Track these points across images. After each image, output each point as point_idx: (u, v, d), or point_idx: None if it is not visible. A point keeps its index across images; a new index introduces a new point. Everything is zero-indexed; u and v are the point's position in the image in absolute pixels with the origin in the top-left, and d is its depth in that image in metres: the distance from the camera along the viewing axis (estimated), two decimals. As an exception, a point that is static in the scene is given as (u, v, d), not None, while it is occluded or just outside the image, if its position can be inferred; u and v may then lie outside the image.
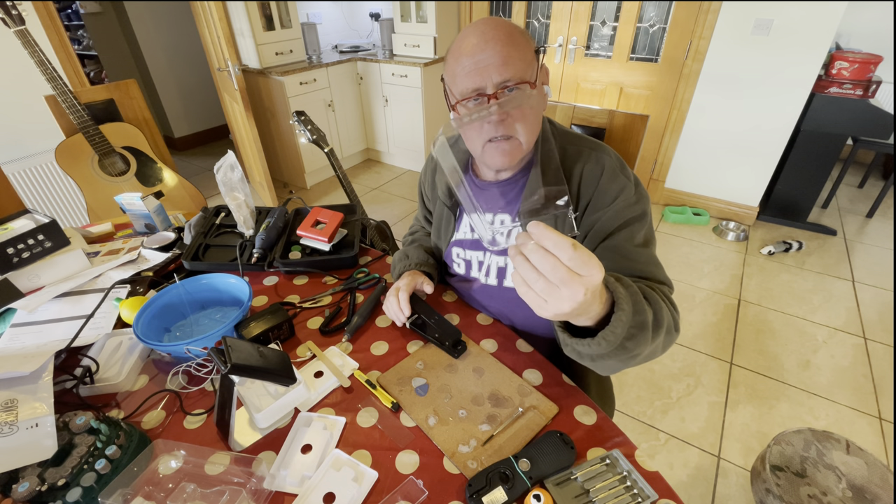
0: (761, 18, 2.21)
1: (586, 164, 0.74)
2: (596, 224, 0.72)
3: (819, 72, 2.24)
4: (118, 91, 1.92)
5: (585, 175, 0.73)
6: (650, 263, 0.70)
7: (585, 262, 0.42)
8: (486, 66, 0.65)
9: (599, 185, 0.72)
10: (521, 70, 0.65)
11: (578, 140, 0.78)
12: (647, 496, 0.56)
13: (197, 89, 3.88)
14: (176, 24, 3.59)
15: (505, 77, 0.65)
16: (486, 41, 0.64)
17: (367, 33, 3.66)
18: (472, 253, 0.87)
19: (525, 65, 0.66)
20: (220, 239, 1.10)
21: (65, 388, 0.70)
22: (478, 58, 0.65)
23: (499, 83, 0.65)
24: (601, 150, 0.75)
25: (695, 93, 2.54)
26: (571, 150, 0.76)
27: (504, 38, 0.65)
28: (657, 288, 0.67)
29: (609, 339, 0.51)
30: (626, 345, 0.53)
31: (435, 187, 0.92)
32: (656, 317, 0.59)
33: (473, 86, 0.66)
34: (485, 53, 0.64)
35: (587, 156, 0.74)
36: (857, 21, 2.90)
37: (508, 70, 0.65)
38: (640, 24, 2.61)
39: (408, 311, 0.81)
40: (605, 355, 0.54)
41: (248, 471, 0.60)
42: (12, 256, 0.91)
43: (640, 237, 0.72)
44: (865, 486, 0.89)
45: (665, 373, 1.71)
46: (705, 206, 2.80)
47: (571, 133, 0.80)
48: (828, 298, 2.09)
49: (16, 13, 1.59)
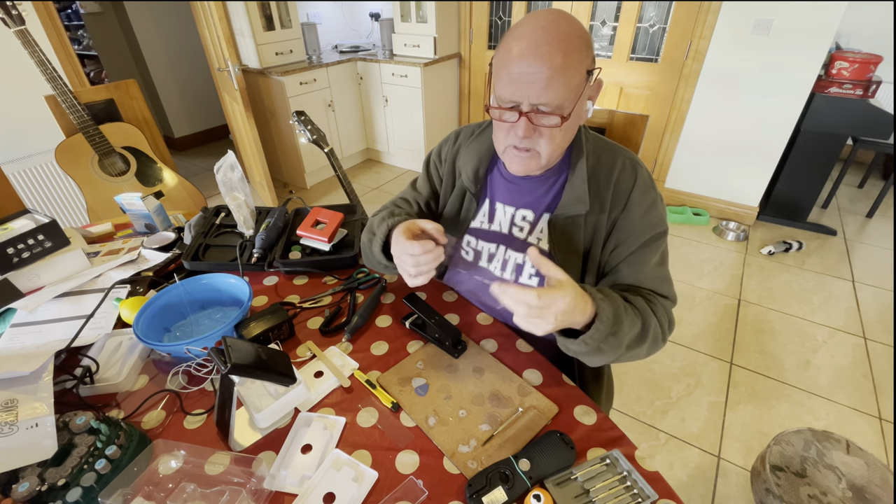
0: (761, 18, 2.21)
1: (621, 172, 0.75)
2: (628, 238, 0.75)
3: (819, 72, 2.24)
4: (118, 91, 1.92)
5: (619, 183, 0.75)
6: (662, 281, 0.76)
7: (547, 305, 0.56)
8: (528, 82, 0.62)
9: (632, 196, 0.74)
10: (562, 96, 0.62)
11: (611, 146, 0.79)
12: (647, 496, 0.57)
13: (197, 89, 3.88)
14: (176, 24, 3.59)
15: (543, 101, 0.63)
16: (537, 56, 0.60)
17: (367, 33, 3.66)
18: (483, 244, 0.86)
19: (568, 90, 0.62)
20: (220, 239, 1.10)
21: (65, 388, 0.70)
22: (523, 70, 0.61)
23: (535, 104, 0.64)
24: (636, 162, 0.77)
25: (695, 93, 2.54)
26: (606, 156, 0.77)
27: (557, 54, 0.60)
28: (659, 302, 0.74)
29: (588, 342, 0.63)
30: (601, 347, 0.63)
31: (455, 168, 0.89)
32: (643, 327, 0.68)
33: (511, 97, 0.64)
34: (532, 67, 0.61)
35: (622, 164, 0.76)
36: (857, 21, 2.90)
37: (547, 95, 0.62)
38: (640, 24, 2.61)
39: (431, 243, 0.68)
40: (587, 353, 0.65)
41: (248, 471, 0.60)
42: (12, 256, 0.91)
43: (658, 256, 0.76)
44: (865, 487, 0.89)
45: (665, 373, 1.71)
46: (705, 206, 2.80)
47: (603, 139, 0.81)
48: (828, 298, 2.10)
49: (16, 13, 1.59)
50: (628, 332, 0.65)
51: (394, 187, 3.25)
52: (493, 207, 0.84)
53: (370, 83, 3.24)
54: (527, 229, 0.81)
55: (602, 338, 0.62)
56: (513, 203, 0.82)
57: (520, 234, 0.82)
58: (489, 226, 0.85)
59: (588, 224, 0.75)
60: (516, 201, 0.82)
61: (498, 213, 0.84)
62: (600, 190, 0.75)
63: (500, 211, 0.83)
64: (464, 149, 0.87)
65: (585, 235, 0.76)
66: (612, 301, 0.64)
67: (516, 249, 0.82)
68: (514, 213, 0.82)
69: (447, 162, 0.91)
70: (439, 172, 0.94)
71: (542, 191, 0.79)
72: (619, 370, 1.71)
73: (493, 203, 0.84)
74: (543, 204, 0.79)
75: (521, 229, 0.82)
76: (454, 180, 0.90)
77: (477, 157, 0.84)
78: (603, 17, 2.71)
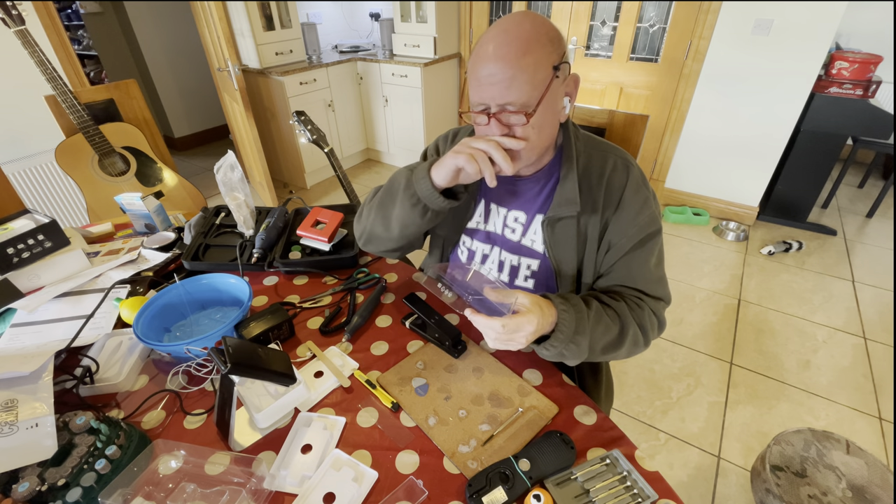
0: (761, 18, 2.21)
1: (613, 171, 0.75)
2: (621, 239, 0.75)
3: (819, 72, 2.24)
4: (118, 91, 1.92)
5: (611, 181, 0.75)
6: (657, 282, 0.78)
7: (514, 330, 0.62)
8: (492, 84, 0.63)
9: (624, 195, 0.74)
10: (527, 94, 0.63)
11: (602, 145, 0.79)
12: (647, 496, 0.57)
13: (197, 89, 3.88)
14: (176, 24, 3.59)
15: (507, 100, 0.63)
16: (499, 57, 0.61)
17: (367, 33, 3.66)
18: (478, 244, 0.86)
19: (531, 88, 0.62)
20: (220, 239, 1.10)
21: (65, 388, 0.70)
22: (488, 71, 0.63)
23: (501, 105, 0.64)
24: (627, 160, 0.77)
25: (695, 93, 2.54)
26: (597, 155, 0.77)
27: (517, 54, 0.61)
28: (647, 305, 0.75)
29: (549, 348, 0.67)
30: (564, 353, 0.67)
31: None
32: (621, 333, 0.71)
33: (479, 100, 0.66)
34: (495, 67, 0.62)
35: (613, 163, 0.76)
36: (857, 21, 2.90)
37: (511, 94, 0.62)
38: (640, 24, 2.61)
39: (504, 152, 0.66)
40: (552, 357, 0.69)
41: (248, 471, 0.60)
42: (12, 256, 0.91)
43: (654, 257, 0.77)
44: (865, 486, 0.89)
45: (665, 373, 1.71)
46: (705, 206, 2.80)
47: (594, 138, 0.81)
48: (828, 298, 2.10)
49: (16, 13, 1.59)
50: (601, 338, 0.69)
51: (394, 187, 3.25)
52: (489, 208, 0.84)
53: (370, 83, 3.24)
54: (519, 231, 0.81)
55: (563, 345, 0.66)
56: (505, 204, 0.82)
57: (512, 236, 0.82)
58: (485, 226, 0.85)
59: (581, 225, 0.75)
60: (509, 203, 0.82)
61: (492, 214, 0.84)
62: (592, 189, 0.75)
63: (493, 211, 0.83)
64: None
65: (579, 236, 0.76)
66: (576, 311, 0.68)
67: (510, 251, 0.82)
68: (506, 215, 0.82)
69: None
70: None
71: (534, 192, 0.79)
72: (618, 370, 1.71)
73: (489, 203, 0.84)
74: (535, 205, 0.79)
75: (514, 231, 0.81)
76: None
77: None
78: (603, 17, 2.71)
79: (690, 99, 2.57)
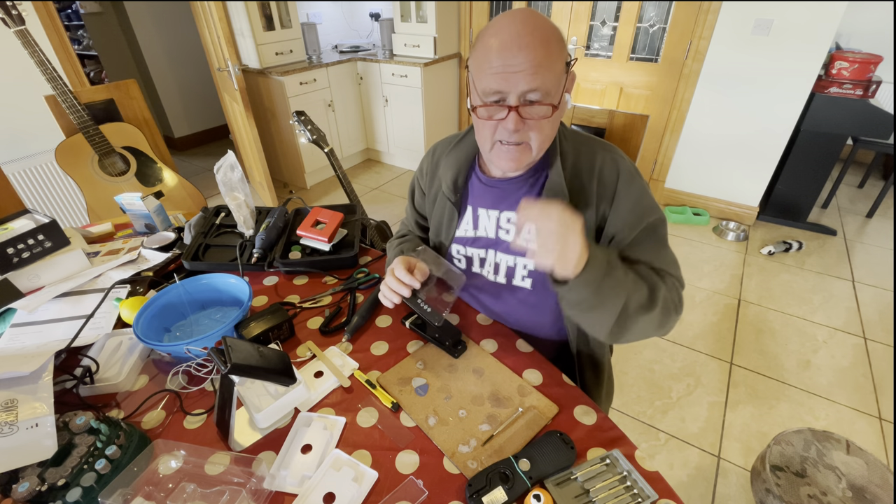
0: (761, 18, 2.21)
1: (603, 165, 0.74)
2: (623, 229, 0.73)
3: (819, 72, 2.24)
4: (118, 91, 1.92)
5: (603, 176, 0.74)
6: (670, 263, 0.75)
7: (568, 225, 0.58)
8: (515, 73, 0.61)
9: (618, 188, 0.73)
10: (550, 83, 0.63)
11: (590, 141, 0.78)
12: (647, 496, 0.57)
13: (197, 89, 3.88)
14: (176, 24, 3.59)
15: (532, 87, 0.62)
16: (521, 46, 0.60)
17: (367, 33, 3.66)
18: (472, 250, 0.86)
19: (554, 78, 0.63)
20: (220, 239, 1.10)
21: (65, 388, 0.70)
22: (508, 62, 0.61)
23: (523, 93, 0.63)
24: (615, 153, 0.76)
25: (695, 93, 2.54)
26: (585, 151, 0.76)
27: (539, 45, 0.61)
28: (668, 277, 0.72)
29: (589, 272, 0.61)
30: (603, 286, 0.63)
31: (435, 181, 0.90)
32: (651, 292, 0.67)
33: (498, 89, 0.64)
34: (516, 59, 0.61)
35: (602, 157, 0.75)
36: (857, 21, 2.90)
37: (536, 81, 0.62)
38: (640, 24, 2.61)
39: (414, 281, 0.74)
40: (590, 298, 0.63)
41: (248, 471, 0.60)
42: (12, 256, 0.91)
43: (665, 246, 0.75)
44: (865, 486, 0.89)
45: (665, 373, 1.71)
46: (705, 206, 2.80)
47: (581, 134, 0.80)
48: (828, 298, 2.10)
49: (16, 13, 1.59)
50: (634, 291, 0.65)
51: (394, 187, 3.25)
52: (476, 214, 0.84)
53: (370, 83, 3.24)
54: (514, 231, 0.81)
55: (600, 275, 0.62)
56: (495, 207, 0.81)
57: (507, 237, 0.81)
58: (475, 233, 0.85)
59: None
60: (499, 204, 0.81)
61: (482, 219, 0.83)
62: (584, 185, 0.74)
63: (483, 217, 0.83)
64: (443, 160, 0.87)
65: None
66: (603, 250, 0.65)
67: (506, 252, 0.82)
68: (498, 217, 0.81)
69: (428, 175, 0.92)
70: (422, 187, 0.95)
71: (524, 191, 0.79)
72: (618, 370, 1.71)
73: (476, 210, 0.84)
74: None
75: (508, 231, 0.81)
76: (436, 192, 0.90)
77: (456, 167, 0.83)
78: (603, 17, 2.71)
79: (690, 99, 2.57)
